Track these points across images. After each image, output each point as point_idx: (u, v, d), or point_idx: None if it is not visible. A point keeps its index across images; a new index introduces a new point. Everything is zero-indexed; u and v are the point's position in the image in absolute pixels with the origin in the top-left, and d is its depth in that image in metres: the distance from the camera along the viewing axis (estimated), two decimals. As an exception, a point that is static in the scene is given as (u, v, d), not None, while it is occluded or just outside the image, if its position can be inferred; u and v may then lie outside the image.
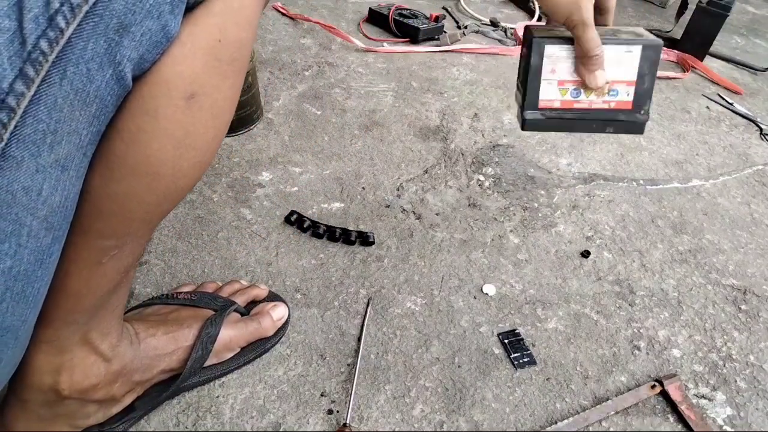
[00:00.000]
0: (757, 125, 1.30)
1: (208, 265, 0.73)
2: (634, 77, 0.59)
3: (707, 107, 1.35)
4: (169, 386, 0.55)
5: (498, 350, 0.67)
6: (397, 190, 0.91)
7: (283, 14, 1.45)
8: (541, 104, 0.60)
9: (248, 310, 0.64)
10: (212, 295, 0.63)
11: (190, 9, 0.35)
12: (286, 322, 0.66)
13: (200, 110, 0.38)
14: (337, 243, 0.79)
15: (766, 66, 1.60)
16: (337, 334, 0.67)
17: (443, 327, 0.69)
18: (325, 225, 0.80)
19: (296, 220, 0.80)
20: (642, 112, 0.60)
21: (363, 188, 0.90)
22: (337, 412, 0.59)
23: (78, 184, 0.34)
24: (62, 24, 0.28)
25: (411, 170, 0.96)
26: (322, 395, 0.60)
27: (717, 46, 1.59)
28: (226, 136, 0.96)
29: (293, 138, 1.00)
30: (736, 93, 1.43)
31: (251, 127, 1.01)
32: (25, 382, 0.46)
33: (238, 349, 0.61)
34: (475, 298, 0.74)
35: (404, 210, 0.87)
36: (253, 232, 0.79)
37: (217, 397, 0.59)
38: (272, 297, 0.68)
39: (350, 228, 0.80)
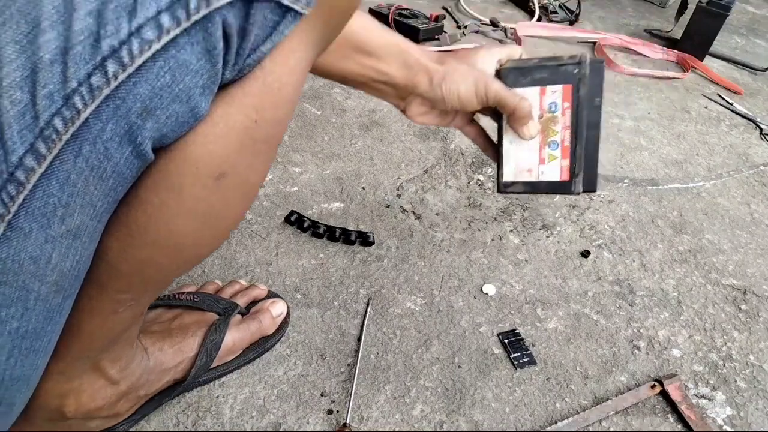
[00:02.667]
0: (757, 125, 1.30)
1: (208, 265, 0.73)
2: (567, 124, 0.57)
3: (707, 107, 1.35)
4: (171, 391, 0.55)
5: (498, 350, 0.67)
6: (397, 190, 0.91)
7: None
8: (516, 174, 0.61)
9: (248, 310, 0.64)
10: (214, 296, 0.62)
11: (224, 85, 0.33)
12: (286, 321, 0.66)
13: (229, 188, 0.36)
14: (337, 243, 0.79)
15: (766, 66, 1.60)
16: (337, 334, 0.67)
17: (443, 327, 0.69)
18: (325, 225, 0.80)
19: (296, 220, 0.80)
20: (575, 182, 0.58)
21: (363, 188, 0.90)
22: (337, 412, 0.59)
23: (91, 247, 0.33)
24: (79, 105, 0.26)
25: (411, 170, 0.96)
26: (322, 395, 0.60)
27: (717, 46, 1.59)
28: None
29: (293, 138, 1.00)
30: (736, 93, 1.43)
31: (251, 127, 1.01)
32: (31, 402, 0.46)
33: (240, 351, 0.61)
34: (475, 298, 0.74)
35: (404, 210, 0.87)
36: (253, 232, 0.79)
37: (217, 397, 0.59)
38: (271, 296, 0.68)
39: (350, 228, 0.80)
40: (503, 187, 0.60)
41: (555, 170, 0.57)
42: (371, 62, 0.56)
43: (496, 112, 0.60)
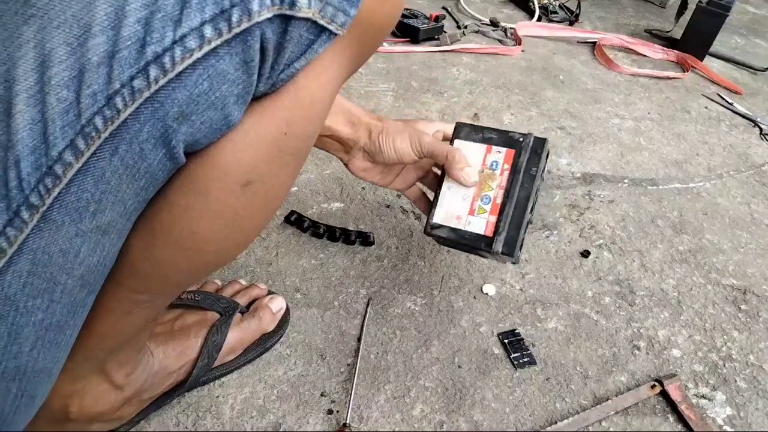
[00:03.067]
0: (757, 125, 1.30)
1: (208, 265, 0.73)
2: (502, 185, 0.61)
3: (707, 107, 1.35)
4: (172, 393, 0.56)
5: (498, 350, 0.67)
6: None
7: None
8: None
9: (248, 309, 0.64)
10: (215, 295, 0.62)
11: (257, 97, 0.34)
12: (287, 320, 0.66)
13: (254, 196, 0.37)
14: (337, 243, 0.79)
15: (766, 66, 1.60)
16: (337, 334, 0.67)
17: (443, 327, 0.69)
18: (325, 225, 0.80)
19: (296, 220, 0.80)
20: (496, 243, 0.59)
21: (363, 188, 0.90)
22: (337, 412, 0.59)
23: (118, 245, 0.34)
24: (120, 105, 0.28)
25: (411, 170, 0.96)
26: (322, 395, 0.60)
27: (717, 46, 1.59)
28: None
29: (293, 138, 1.00)
30: (736, 93, 1.43)
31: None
32: None
33: (242, 350, 0.61)
34: (475, 298, 0.74)
35: (404, 210, 0.87)
36: (253, 232, 0.79)
37: (217, 397, 0.59)
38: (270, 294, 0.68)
39: (350, 228, 0.80)
40: (430, 228, 0.63)
41: (481, 223, 0.60)
42: None
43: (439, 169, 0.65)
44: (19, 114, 0.26)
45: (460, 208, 0.62)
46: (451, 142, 0.64)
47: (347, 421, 0.57)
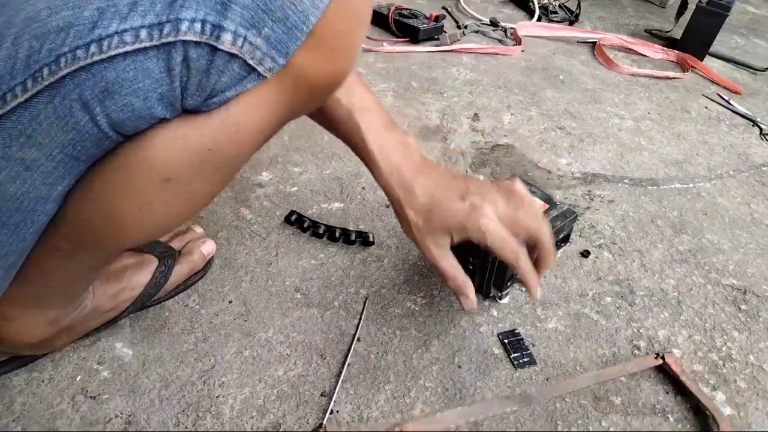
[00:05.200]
0: (757, 125, 1.30)
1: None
2: None
3: (707, 107, 1.35)
4: (106, 325, 0.62)
5: (498, 350, 0.67)
6: (397, 190, 0.91)
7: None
8: None
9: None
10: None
11: (195, 111, 0.39)
12: (213, 258, 0.72)
13: (171, 192, 0.42)
14: (337, 243, 0.79)
15: (766, 66, 1.60)
16: (337, 334, 0.67)
17: (443, 327, 0.69)
18: (325, 225, 0.80)
19: (296, 220, 0.80)
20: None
21: (363, 188, 0.90)
22: (337, 412, 0.59)
23: (44, 189, 0.40)
24: (62, 64, 0.34)
25: (411, 170, 0.96)
26: (322, 395, 0.60)
27: (717, 46, 1.59)
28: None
29: (293, 138, 1.00)
30: (736, 93, 1.43)
31: (251, 127, 1.01)
32: None
33: (172, 288, 0.67)
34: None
35: (404, 210, 0.87)
36: (252, 232, 0.79)
37: (217, 397, 0.59)
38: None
39: (350, 228, 0.80)
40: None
41: None
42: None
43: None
44: (5, 49, 0.34)
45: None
46: None
47: (323, 422, 0.57)
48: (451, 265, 0.58)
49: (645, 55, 1.58)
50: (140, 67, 0.35)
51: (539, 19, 1.68)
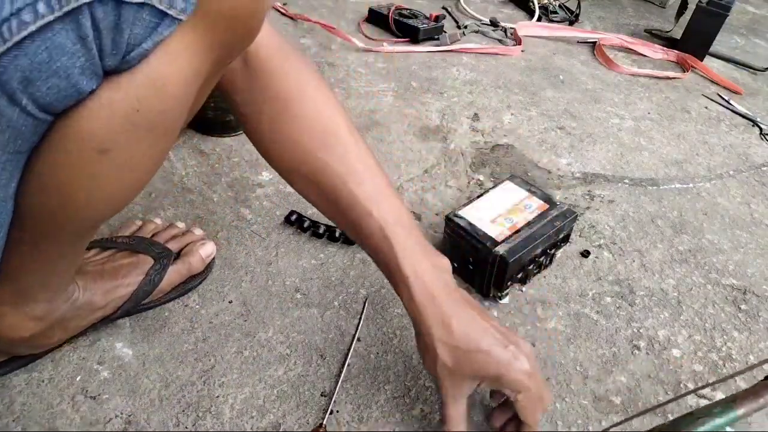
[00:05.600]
0: (757, 125, 1.30)
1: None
2: None
3: (707, 107, 1.35)
4: (100, 325, 0.62)
5: (498, 350, 0.67)
6: (397, 189, 0.91)
7: (282, 14, 1.45)
8: None
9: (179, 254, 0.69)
10: (150, 240, 0.67)
11: (116, 71, 0.37)
12: (213, 261, 0.71)
13: (112, 163, 0.41)
14: (336, 243, 0.79)
15: (766, 66, 1.60)
16: (337, 334, 0.67)
17: (443, 327, 0.69)
18: (325, 225, 0.80)
19: (296, 220, 0.80)
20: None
21: (363, 188, 0.90)
22: (337, 412, 0.59)
23: (0, 193, 0.39)
24: None
25: (411, 170, 0.96)
26: (322, 395, 0.60)
27: (717, 46, 1.59)
28: (226, 137, 0.96)
29: (293, 138, 1.00)
30: (736, 93, 1.43)
31: (251, 127, 1.01)
32: None
33: (169, 289, 0.66)
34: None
35: (404, 210, 0.87)
36: (252, 232, 0.79)
37: (217, 397, 0.59)
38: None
39: (350, 228, 0.80)
40: (452, 215, 0.74)
41: (496, 230, 0.72)
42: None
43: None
44: None
45: (485, 215, 0.73)
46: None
47: (323, 422, 0.57)
48: (460, 415, 0.53)
49: (645, 55, 1.58)
50: (51, 45, 0.32)
51: (539, 19, 1.68)
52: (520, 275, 0.72)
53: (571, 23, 1.71)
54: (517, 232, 0.71)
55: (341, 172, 0.53)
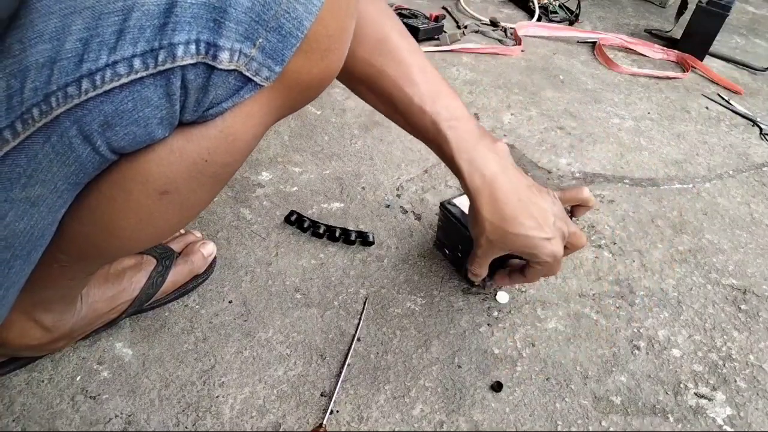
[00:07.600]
0: (757, 125, 1.30)
1: (208, 265, 0.73)
2: None
3: (707, 107, 1.35)
4: (104, 328, 0.63)
5: (498, 350, 0.67)
6: (397, 189, 0.91)
7: (283, 14, 1.45)
8: None
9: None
10: None
11: (190, 123, 0.39)
12: (215, 261, 0.72)
13: (170, 204, 0.43)
14: (337, 243, 0.79)
15: (766, 66, 1.60)
16: (337, 334, 0.66)
17: (443, 327, 0.69)
18: (325, 225, 0.80)
19: (296, 220, 0.80)
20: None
21: (363, 188, 0.90)
22: (337, 412, 0.59)
23: (50, 217, 0.40)
24: (54, 104, 0.33)
25: (411, 170, 0.96)
26: (322, 395, 0.60)
27: (717, 46, 1.59)
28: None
29: (293, 138, 1.00)
30: (736, 93, 1.43)
31: (251, 127, 1.01)
32: None
33: (173, 290, 0.66)
34: (475, 297, 0.74)
35: (404, 210, 0.87)
36: (252, 232, 0.79)
37: (217, 397, 0.59)
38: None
39: (350, 228, 0.80)
40: (447, 203, 0.73)
41: None
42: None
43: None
44: None
45: None
46: None
47: (323, 422, 0.57)
48: (484, 263, 0.63)
49: (645, 55, 1.58)
50: (138, 97, 0.34)
51: (539, 19, 1.68)
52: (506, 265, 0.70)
53: (571, 23, 1.71)
54: None
55: (395, 76, 0.56)
